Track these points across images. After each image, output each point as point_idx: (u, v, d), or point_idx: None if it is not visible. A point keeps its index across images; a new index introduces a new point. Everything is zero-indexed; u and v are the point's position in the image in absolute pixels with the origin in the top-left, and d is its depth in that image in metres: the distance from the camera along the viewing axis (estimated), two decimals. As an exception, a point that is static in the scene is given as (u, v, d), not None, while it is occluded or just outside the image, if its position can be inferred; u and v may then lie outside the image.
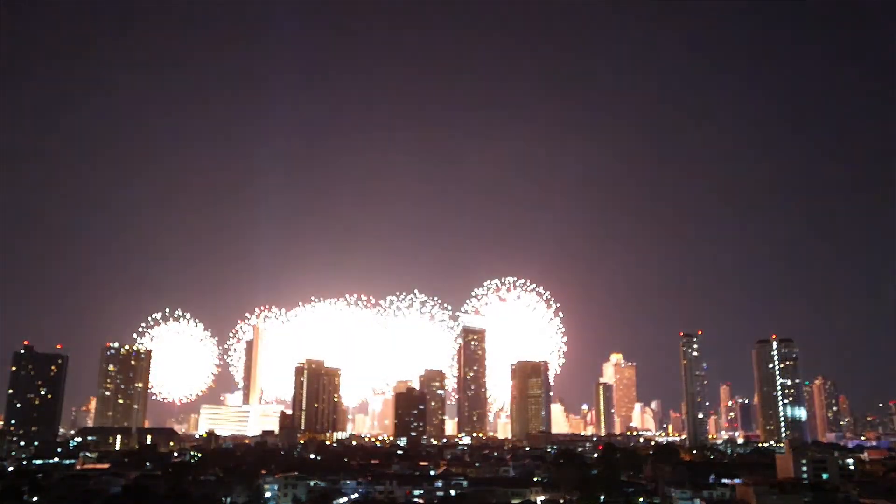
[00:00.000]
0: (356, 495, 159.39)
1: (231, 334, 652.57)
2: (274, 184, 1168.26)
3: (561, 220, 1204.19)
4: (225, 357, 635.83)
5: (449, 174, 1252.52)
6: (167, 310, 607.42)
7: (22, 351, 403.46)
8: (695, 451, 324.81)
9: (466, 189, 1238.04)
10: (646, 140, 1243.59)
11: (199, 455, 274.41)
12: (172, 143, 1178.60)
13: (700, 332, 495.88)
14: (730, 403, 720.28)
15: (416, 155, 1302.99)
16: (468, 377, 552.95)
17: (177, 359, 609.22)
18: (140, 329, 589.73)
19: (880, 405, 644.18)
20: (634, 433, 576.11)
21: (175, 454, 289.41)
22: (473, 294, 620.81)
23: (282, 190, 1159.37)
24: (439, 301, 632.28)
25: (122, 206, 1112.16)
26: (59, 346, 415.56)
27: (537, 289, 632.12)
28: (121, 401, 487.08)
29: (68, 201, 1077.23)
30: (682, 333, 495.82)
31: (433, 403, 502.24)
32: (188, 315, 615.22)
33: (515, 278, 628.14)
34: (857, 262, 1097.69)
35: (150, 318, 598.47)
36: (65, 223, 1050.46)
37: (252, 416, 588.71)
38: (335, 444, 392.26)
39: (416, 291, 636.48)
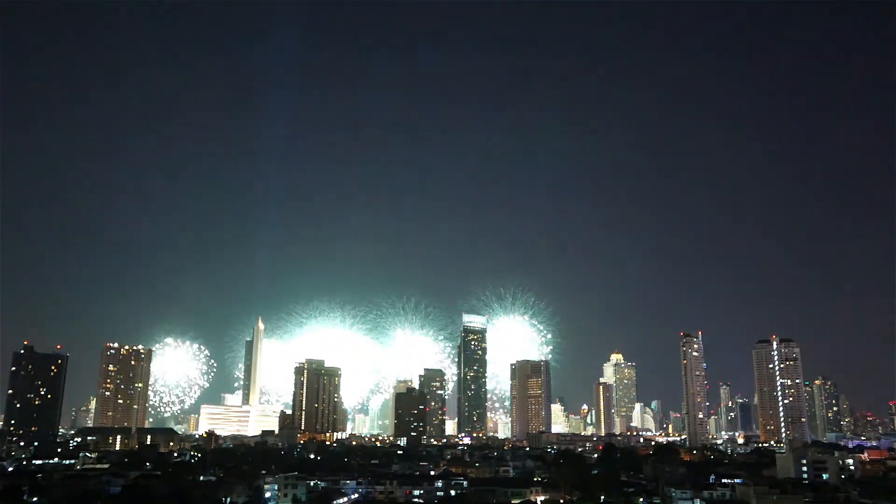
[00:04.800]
0: (356, 495, 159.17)
1: (231, 335, 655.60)
2: (273, 186, 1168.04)
3: (561, 221, 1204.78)
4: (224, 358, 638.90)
5: (448, 174, 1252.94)
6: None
7: (22, 351, 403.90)
8: (695, 451, 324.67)
9: (466, 189, 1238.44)
10: (646, 141, 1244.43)
11: (199, 455, 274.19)
12: (173, 142, 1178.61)
13: (700, 332, 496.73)
14: (730, 403, 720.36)
15: (413, 157, 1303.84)
16: (468, 377, 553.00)
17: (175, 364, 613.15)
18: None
19: (880, 405, 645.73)
20: (634, 433, 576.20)
21: (175, 454, 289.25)
22: (473, 294, 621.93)
23: (281, 192, 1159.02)
24: (439, 301, 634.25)
25: (123, 206, 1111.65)
26: (59, 347, 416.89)
27: (537, 288, 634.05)
28: (121, 401, 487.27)
29: (69, 202, 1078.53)
30: (682, 333, 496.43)
31: (433, 403, 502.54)
32: (188, 317, 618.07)
33: (515, 278, 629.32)
34: (856, 262, 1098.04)
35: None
36: (65, 223, 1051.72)
37: (252, 416, 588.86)
38: (335, 444, 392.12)
39: (415, 292, 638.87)
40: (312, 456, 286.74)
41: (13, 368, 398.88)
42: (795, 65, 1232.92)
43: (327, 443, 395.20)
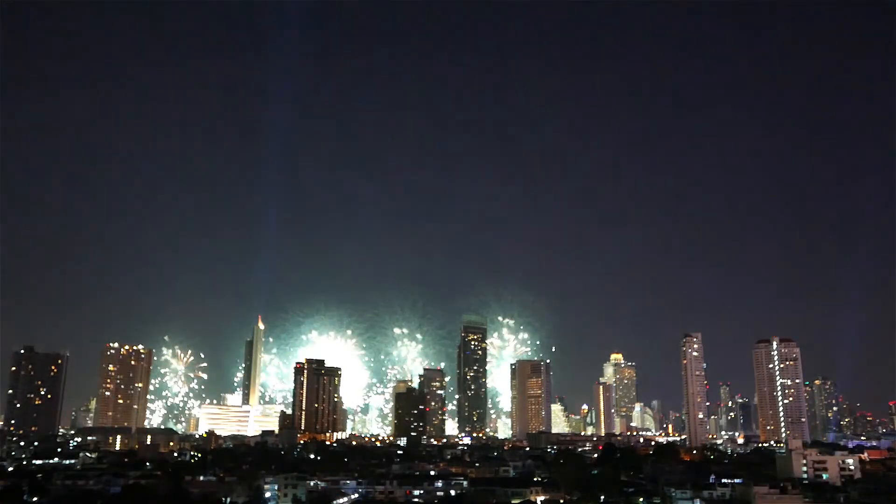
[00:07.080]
0: (356, 495, 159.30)
1: (231, 334, 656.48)
2: (273, 185, 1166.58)
3: (561, 221, 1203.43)
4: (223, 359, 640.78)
5: (447, 174, 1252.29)
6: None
7: (22, 351, 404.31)
8: (695, 451, 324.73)
9: (465, 188, 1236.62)
10: (646, 140, 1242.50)
11: (199, 455, 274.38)
12: (173, 144, 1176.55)
13: (700, 333, 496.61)
14: (730, 403, 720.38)
15: (412, 157, 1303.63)
16: (468, 377, 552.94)
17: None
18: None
19: (880, 405, 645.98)
20: (634, 433, 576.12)
21: (175, 454, 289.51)
22: (473, 294, 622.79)
23: (281, 192, 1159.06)
24: (438, 301, 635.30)
25: (124, 206, 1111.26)
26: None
27: (537, 288, 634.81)
28: (121, 401, 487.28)
29: (69, 201, 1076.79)
30: (682, 333, 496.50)
31: (433, 403, 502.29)
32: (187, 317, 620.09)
33: (515, 277, 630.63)
34: (857, 262, 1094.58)
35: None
36: (65, 223, 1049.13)
37: (252, 416, 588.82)
38: (335, 444, 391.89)
39: (415, 291, 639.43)
40: (312, 456, 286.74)
41: (13, 368, 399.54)
42: (797, 61, 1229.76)
43: (327, 443, 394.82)
